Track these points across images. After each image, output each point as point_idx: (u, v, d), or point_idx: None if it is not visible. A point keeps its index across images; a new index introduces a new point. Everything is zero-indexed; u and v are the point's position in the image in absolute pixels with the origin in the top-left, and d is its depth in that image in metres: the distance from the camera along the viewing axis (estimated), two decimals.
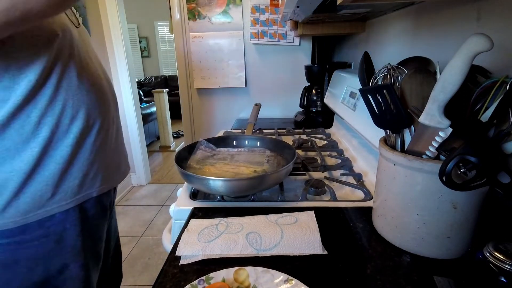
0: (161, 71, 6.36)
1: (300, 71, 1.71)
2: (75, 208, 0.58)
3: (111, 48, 2.49)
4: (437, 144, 0.45)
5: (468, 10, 0.57)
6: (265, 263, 0.49)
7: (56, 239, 0.56)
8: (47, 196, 0.54)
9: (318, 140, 1.17)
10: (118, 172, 0.70)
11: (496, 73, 0.48)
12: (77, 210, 0.59)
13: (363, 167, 0.89)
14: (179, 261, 0.50)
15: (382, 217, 0.55)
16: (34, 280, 0.56)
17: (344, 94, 1.11)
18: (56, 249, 0.57)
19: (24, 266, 0.54)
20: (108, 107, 0.64)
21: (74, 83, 0.56)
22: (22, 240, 0.53)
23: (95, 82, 0.61)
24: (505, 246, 0.41)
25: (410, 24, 0.82)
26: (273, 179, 0.68)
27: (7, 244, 0.53)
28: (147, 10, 5.85)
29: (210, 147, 0.89)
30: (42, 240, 0.55)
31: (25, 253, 0.54)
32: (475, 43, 0.38)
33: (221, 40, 1.76)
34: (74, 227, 0.59)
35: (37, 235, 0.54)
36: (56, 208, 0.55)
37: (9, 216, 0.51)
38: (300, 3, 0.85)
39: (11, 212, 0.51)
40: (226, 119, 1.91)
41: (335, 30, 1.27)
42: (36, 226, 0.54)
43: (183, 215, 0.65)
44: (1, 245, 0.52)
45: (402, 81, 0.52)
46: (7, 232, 0.52)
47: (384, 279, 0.45)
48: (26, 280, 0.55)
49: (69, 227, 0.58)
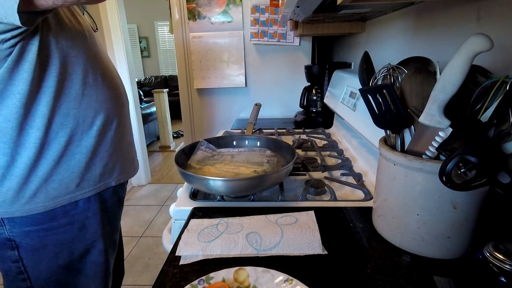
0: (161, 71, 6.36)
1: (300, 71, 1.71)
2: (96, 198, 0.64)
3: (111, 48, 2.49)
4: (437, 144, 0.45)
5: (468, 10, 0.57)
6: (265, 263, 0.49)
7: (79, 227, 0.63)
8: (73, 183, 0.60)
9: (318, 140, 1.17)
10: (132, 165, 0.76)
11: (496, 73, 0.48)
12: (98, 200, 0.65)
13: (363, 167, 0.89)
14: (179, 261, 0.50)
15: (382, 217, 0.55)
16: (59, 263, 0.62)
17: (344, 94, 1.11)
18: (79, 236, 0.63)
19: (51, 250, 0.61)
20: (123, 104, 0.70)
21: (98, 80, 0.62)
22: (50, 227, 0.59)
23: (113, 81, 0.67)
24: (505, 246, 0.41)
25: (410, 24, 0.82)
26: (273, 179, 0.68)
27: (36, 231, 0.58)
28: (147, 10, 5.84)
29: (211, 148, 0.89)
30: (67, 228, 0.61)
31: (52, 239, 0.60)
32: (475, 43, 0.38)
33: (221, 40, 1.76)
34: (95, 216, 0.65)
35: (63, 222, 0.60)
36: (79, 195, 0.61)
37: (39, 201, 0.57)
38: (300, 3, 0.85)
39: (41, 197, 0.57)
40: (226, 119, 1.91)
41: (335, 30, 1.27)
42: (62, 215, 0.60)
43: (183, 215, 0.65)
44: (31, 231, 0.58)
45: (402, 81, 0.52)
46: (37, 219, 0.58)
47: (384, 279, 0.45)
48: (52, 263, 0.62)
49: (91, 215, 0.64)
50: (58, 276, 0.63)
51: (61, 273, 0.63)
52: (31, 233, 0.58)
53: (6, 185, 0.55)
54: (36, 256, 0.60)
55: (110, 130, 0.65)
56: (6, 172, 0.54)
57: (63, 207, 0.60)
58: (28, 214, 0.57)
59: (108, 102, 0.64)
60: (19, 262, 0.59)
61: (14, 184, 0.55)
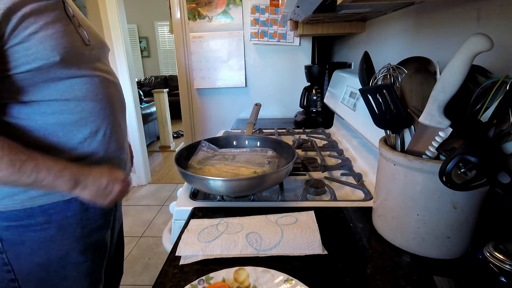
0: (161, 71, 6.36)
1: (300, 71, 1.71)
2: (76, 199, 0.63)
3: (111, 48, 2.48)
4: (437, 144, 0.45)
5: (468, 10, 0.57)
6: (265, 263, 0.49)
7: (58, 226, 0.62)
8: None
9: (318, 140, 1.17)
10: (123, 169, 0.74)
11: (496, 73, 0.48)
12: (78, 201, 0.63)
13: (363, 167, 0.89)
14: (179, 261, 0.50)
15: (382, 217, 0.55)
16: (36, 260, 0.62)
17: (344, 94, 1.11)
18: (57, 235, 0.63)
19: (28, 247, 0.61)
20: (115, 111, 0.69)
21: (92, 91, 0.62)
22: (28, 224, 0.60)
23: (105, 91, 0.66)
24: (505, 246, 0.41)
25: (410, 24, 0.82)
26: (273, 179, 0.68)
27: (15, 227, 0.60)
28: (147, 10, 5.84)
29: (212, 148, 0.89)
30: (45, 226, 0.61)
31: (29, 236, 0.61)
32: (475, 43, 0.38)
33: (221, 40, 1.76)
34: (74, 215, 0.64)
35: (40, 221, 0.61)
36: (58, 196, 0.61)
37: (17, 199, 0.58)
38: (300, 3, 0.85)
39: (20, 197, 0.58)
40: (226, 119, 1.91)
41: (335, 30, 1.27)
42: (40, 213, 0.60)
43: (183, 215, 0.65)
44: (10, 226, 0.60)
45: (402, 81, 0.52)
46: (15, 215, 0.59)
47: (384, 279, 0.45)
48: (29, 260, 0.62)
49: (70, 215, 0.63)
50: (37, 274, 0.63)
51: (39, 271, 0.63)
52: (10, 228, 0.60)
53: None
54: (16, 250, 0.61)
55: (95, 139, 0.64)
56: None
57: (41, 206, 0.60)
58: (6, 210, 0.58)
59: (97, 113, 0.63)
60: (3, 254, 0.61)
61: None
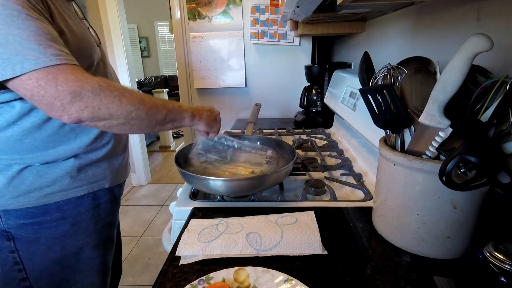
0: (161, 71, 6.35)
1: (300, 71, 1.71)
2: (89, 195, 0.65)
3: (111, 48, 2.48)
4: (437, 144, 0.45)
5: (468, 10, 0.57)
6: (265, 263, 0.49)
7: (72, 222, 0.64)
8: (66, 181, 0.62)
9: (318, 140, 1.17)
10: (125, 169, 0.78)
11: (496, 73, 0.48)
12: (90, 197, 0.66)
13: (363, 167, 0.89)
14: (179, 261, 0.50)
15: (382, 217, 0.55)
16: (51, 257, 0.64)
17: (344, 94, 1.11)
18: (72, 231, 0.65)
19: (44, 244, 0.62)
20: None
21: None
22: (43, 221, 0.61)
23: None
24: (505, 246, 0.41)
25: (410, 24, 0.82)
26: (273, 179, 0.68)
27: (30, 224, 0.61)
28: (147, 10, 5.84)
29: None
30: (60, 222, 0.63)
31: (45, 233, 0.62)
32: (475, 43, 0.38)
33: (221, 40, 1.76)
34: (88, 211, 0.66)
35: (55, 217, 0.62)
36: (73, 192, 0.63)
37: (33, 196, 0.59)
38: (300, 3, 0.85)
39: (36, 194, 0.59)
40: (226, 119, 1.89)
41: (335, 30, 1.27)
42: (55, 209, 0.62)
43: (183, 215, 0.65)
44: (25, 224, 0.60)
45: (402, 81, 0.52)
46: (30, 212, 0.60)
47: (384, 279, 0.45)
48: (44, 257, 0.63)
49: (83, 211, 0.66)
50: (51, 270, 0.65)
51: (53, 267, 0.65)
52: (25, 225, 0.60)
53: (1, 180, 0.57)
54: (30, 248, 0.62)
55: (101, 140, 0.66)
56: (4, 168, 0.57)
57: (56, 202, 0.62)
58: (22, 207, 0.59)
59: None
60: (15, 253, 0.61)
61: (8, 179, 0.57)
